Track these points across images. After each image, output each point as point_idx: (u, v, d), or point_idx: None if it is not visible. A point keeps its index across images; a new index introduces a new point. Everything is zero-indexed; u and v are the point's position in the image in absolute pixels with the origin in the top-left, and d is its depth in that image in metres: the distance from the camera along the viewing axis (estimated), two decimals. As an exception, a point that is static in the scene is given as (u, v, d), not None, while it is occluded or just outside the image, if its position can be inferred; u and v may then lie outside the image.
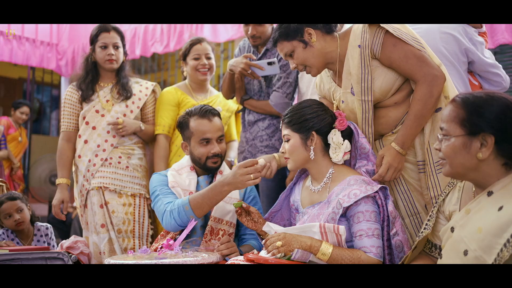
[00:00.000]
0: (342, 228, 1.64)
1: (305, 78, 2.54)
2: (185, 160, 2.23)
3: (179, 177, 2.16)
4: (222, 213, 2.09)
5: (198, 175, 2.19)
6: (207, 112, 2.14)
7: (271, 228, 1.80)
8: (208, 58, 2.81)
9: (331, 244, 1.64)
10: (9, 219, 2.71)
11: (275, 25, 2.64)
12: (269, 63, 2.51)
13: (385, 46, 1.80)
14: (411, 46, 1.79)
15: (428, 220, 1.55)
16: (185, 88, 2.87)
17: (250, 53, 2.68)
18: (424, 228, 1.54)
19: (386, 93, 1.86)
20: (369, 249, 1.64)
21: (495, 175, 1.32)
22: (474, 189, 1.41)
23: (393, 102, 1.88)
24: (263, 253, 1.71)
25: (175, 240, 1.96)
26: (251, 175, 1.82)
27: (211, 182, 2.16)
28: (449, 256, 1.36)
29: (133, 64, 6.24)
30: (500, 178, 1.32)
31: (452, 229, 1.38)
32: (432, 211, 1.56)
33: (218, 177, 2.16)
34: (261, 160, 1.86)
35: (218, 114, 2.20)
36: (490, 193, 1.32)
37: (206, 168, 2.15)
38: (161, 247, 1.86)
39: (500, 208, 1.25)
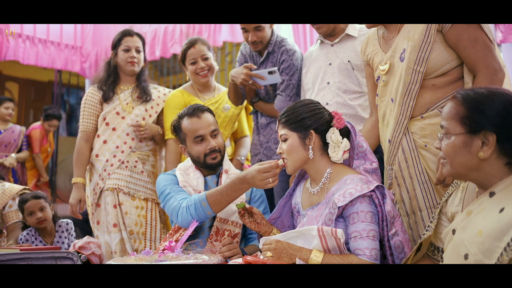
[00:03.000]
0: (340, 232, 1.59)
1: (310, 73, 2.49)
2: (190, 161, 2.22)
3: (187, 177, 2.15)
4: (228, 213, 2.07)
5: (205, 175, 2.18)
6: (195, 110, 2.13)
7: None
8: (205, 59, 2.75)
9: (322, 252, 1.60)
10: (31, 217, 2.83)
11: (274, 28, 2.63)
12: (270, 72, 2.47)
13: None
14: (484, 33, 1.72)
15: (430, 221, 1.49)
16: (191, 89, 2.85)
17: (251, 63, 2.62)
18: (426, 230, 1.48)
19: (432, 71, 1.78)
20: (362, 251, 1.59)
21: (497, 175, 1.25)
22: (477, 189, 1.34)
23: (431, 84, 1.80)
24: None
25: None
26: (270, 179, 1.80)
27: (218, 182, 2.15)
28: (450, 260, 1.30)
29: (155, 65, 6.30)
30: (503, 178, 1.24)
31: (454, 232, 1.32)
32: (435, 212, 1.50)
33: (224, 177, 2.15)
34: (280, 161, 1.83)
35: (208, 110, 2.18)
36: (492, 194, 1.25)
37: (207, 166, 2.13)
38: (164, 249, 1.85)
39: (502, 210, 1.18)
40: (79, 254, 2.35)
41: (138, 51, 2.82)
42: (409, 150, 1.84)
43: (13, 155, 4.89)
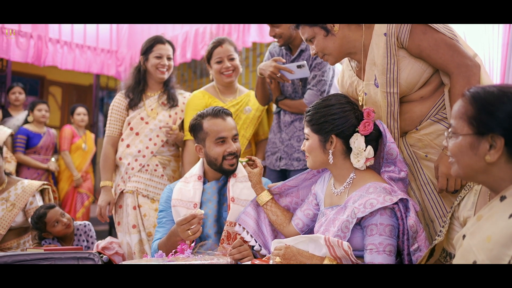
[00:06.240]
0: (346, 244, 1.53)
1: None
2: (196, 168, 2.23)
3: (186, 187, 2.16)
4: (237, 216, 2.04)
5: (209, 181, 2.18)
6: (220, 112, 2.14)
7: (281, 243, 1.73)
8: (231, 60, 2.75)
9: (333, 260, 1.56)
10: (57, 225, 2.78)
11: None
12: (299, 66, 2.44)
13: (414, 34, 1.69)
14: (442, 34, 1.67)
15: (442, 226, 1.42)
16: (213, 90, 2.85)
17: (280, 57, 2.61)
18: (438, 235, 1.41)
19: (412, 86, 1.74)
20: None
21: (508, 179, 1.17)
22: (489, 193, 1.27)
23: (418, 97, 1.76)
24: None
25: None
26: (189, 231, 1.84)
27: (220, 189, 2.15)
28: (459, 267, 1.23)
29: (190, 66, 6.36)
30: None
31: (464, 237, 1.25)
32: (447, 216, 1.43)
33: (232, 181, 2.14)
34: (198, 210, 1.88)
35: (231, 114, 2.19)
36: (503, 198, 1.17)
37: (222, 170, 2.13)
38: (175, 251, 1.86)
39: (511, 216, 1.10)
40: (101, 255, 2.40)
41: (169, 59, 2.87)
42: (412, 163, 1.80)
43: (53, 159, 5.04)
